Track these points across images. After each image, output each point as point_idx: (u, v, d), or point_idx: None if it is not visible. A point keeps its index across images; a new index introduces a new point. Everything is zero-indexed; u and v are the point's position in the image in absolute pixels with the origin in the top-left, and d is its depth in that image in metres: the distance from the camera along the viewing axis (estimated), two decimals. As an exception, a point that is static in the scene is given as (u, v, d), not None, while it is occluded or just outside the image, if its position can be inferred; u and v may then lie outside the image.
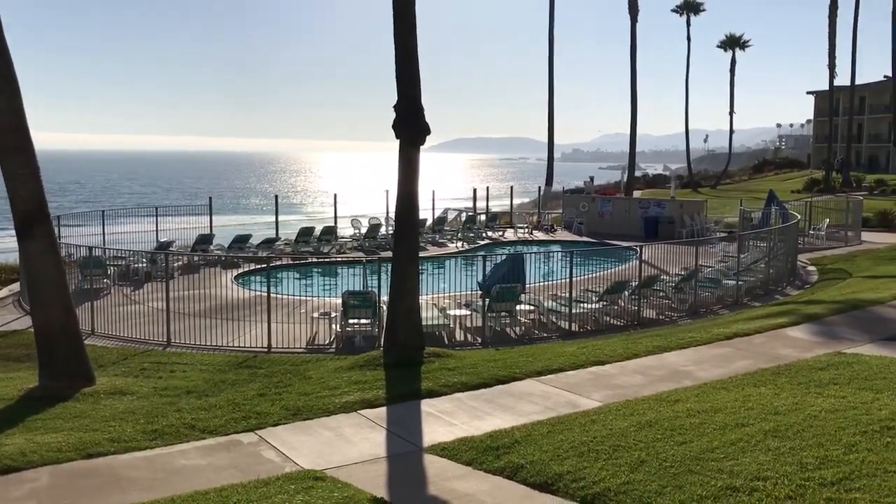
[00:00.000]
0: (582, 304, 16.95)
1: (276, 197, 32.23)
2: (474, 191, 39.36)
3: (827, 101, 61.85)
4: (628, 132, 52.91)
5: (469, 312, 16.38)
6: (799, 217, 27.01)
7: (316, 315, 15.89)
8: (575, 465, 6.93)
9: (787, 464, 6.47)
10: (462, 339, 15.46)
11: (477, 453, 7.61)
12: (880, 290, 17.38)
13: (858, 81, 62.57)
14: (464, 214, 36.05)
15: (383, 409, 9.54)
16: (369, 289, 16.08)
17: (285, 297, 18.07)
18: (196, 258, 23.24)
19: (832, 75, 57.46)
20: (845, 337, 12.56)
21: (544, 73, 50.86)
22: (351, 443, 8.37)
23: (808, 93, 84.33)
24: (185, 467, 7.74)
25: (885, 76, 71.03)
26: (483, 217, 35.35)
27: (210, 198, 31.43)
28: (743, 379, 9.86)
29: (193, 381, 11.81)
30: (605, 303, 17.25)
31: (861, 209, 31.39)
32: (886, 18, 59.43)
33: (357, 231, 30.83)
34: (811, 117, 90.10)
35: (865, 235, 30.03)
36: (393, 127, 12.45)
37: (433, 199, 36.20)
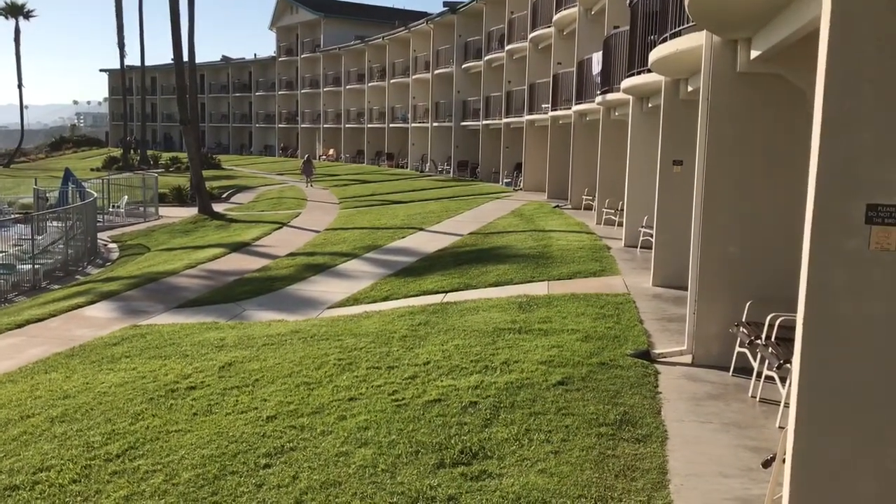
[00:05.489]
0: None
1: None
2: None
3: (120, 80, 62.61)
4: None
5: None
6: (97, 195, 26.94)
7: None
8: None
9: (73, 447, 6.32)
10: None
11: None
12: (174, 261, 18.54)
13: (151, 62, 64.96)
14: None
15: None
16: None
17: None
18: None
19: (122, 54, 58.37)
20: (142, 309, 12.99)
21: None
22: None
23: (102, 70, 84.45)
24: None
25: (171, 60, 75.37)
26: None
27: None
28: (34, 367, 9.33)
29: None
30: None
31: (158, 185, 32.96)
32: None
33: None
34: (108, 95, 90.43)
35: (163, 210, 31.59)
36: None
37: None
